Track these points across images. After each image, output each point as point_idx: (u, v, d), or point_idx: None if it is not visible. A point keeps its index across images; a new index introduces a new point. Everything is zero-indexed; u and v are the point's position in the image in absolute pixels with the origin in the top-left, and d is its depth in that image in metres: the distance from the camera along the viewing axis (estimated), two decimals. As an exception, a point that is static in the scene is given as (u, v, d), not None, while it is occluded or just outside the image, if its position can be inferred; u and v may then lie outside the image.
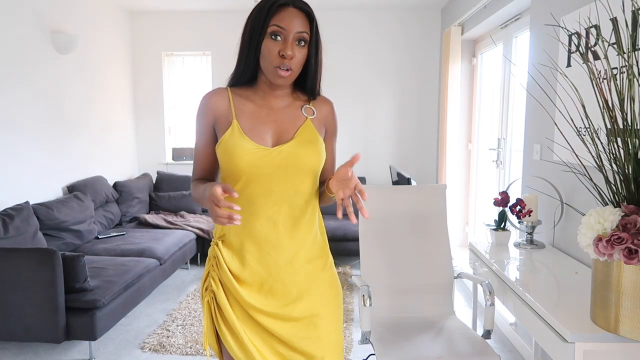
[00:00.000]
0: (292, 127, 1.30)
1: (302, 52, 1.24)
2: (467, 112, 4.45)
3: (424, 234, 2.33)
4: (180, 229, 4.21)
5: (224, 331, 1.28)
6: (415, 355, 1.87)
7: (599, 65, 1.80)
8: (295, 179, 1.27)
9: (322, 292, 1.34)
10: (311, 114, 1.34)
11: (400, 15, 5.00)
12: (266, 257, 1.28)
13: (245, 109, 1.30)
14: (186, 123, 5.38)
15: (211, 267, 1.32)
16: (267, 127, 1.29)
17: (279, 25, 1.20)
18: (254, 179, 1.25)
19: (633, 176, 1.26)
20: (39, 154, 3.63)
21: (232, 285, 1.27)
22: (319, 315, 1.32)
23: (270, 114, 1.30)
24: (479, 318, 2.76)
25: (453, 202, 4.35)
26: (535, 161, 2.54)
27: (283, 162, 1.25)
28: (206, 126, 1.32)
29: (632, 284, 1.24)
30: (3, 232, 2.84)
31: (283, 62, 1.21)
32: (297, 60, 1.23)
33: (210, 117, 1.31)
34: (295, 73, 1.25)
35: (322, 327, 1.32)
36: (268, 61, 1.23)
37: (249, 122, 1.28)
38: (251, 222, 1.26)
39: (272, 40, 1.21)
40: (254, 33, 1.23)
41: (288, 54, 1.20)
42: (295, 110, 1.33)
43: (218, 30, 5.09)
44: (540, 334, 1.54)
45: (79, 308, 2.59)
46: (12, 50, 3.33)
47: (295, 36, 1.21)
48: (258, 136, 1.27)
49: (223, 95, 1.32)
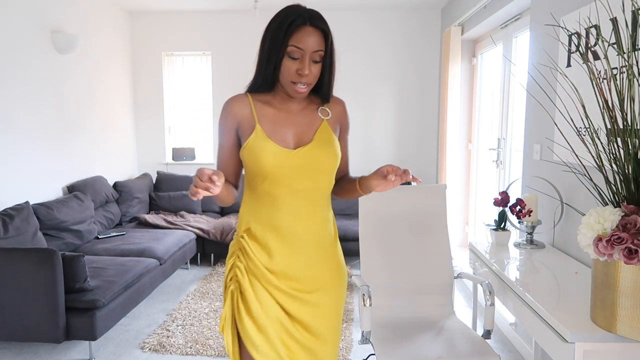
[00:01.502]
0: (310, 129, 1.41)
1: (318, 67, 1.34)
2: (467, 112, 4.45)
3: (424, 234, 2.33)
4: (180, 229, 4.21)
5: (243, 317, 1.35)
6: (415, 355, 1.87)
7: (599, 65, 1.80)
8: (314, 178, 1.38)
9: (333, 274, 1.48)
10: (327, 115, 1.45)
11: (400, 15, 5.00)
12: (289, 247, 1.39)
13: (266, 114, 1.39)
14: (186, 123, 5.39)
15: (236, 259, 1.41)
16: (288, 129, 1.39)
17: (297, 46, 1.28)
18: (278, 179, 1.35)
19: (633, 176, 1.26)
20: (39, 154, 3.63)
21: (261, 271, 1.37)
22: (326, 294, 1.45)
23: (289, 117, 1.40)
24: (479, 318, 2.76)
25: (453, 202, 4.35)
26: (535, 161, 2.54)
27: (304, 163, 1.36)
28: (229, 131, 1.41)
29: (632, 284, 1.24)
30: (3, 232, 2.84)
31: (300, 80, 1.31)
32: (313, 76, 1.33)
33: (232, 122, 1.40)
34: (311, 86, 1.36)
35: (326, 305, 1.45)
36: (286, 77, 1.32)
37: (270, 126, 1.37)
38: (275, 217, 1.37)
39: (290, 60, 1.30)
40: (273, 50, 1.31)
41: (305, 73, 1.30)
42: (312, 113, 1.44)
43: (218, 30, 5.09)
44: (540, 334, 1.54)
45: (79, 308, 2.59)
46: (12, 50, 3.33)
47: (312, 55, 1.30)
48: (280, 139, 1.37)
49: (244, 101, 1.40)
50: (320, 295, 1.44)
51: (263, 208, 1.39)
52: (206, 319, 3.19)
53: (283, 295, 1.39)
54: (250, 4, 4.33)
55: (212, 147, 5.30)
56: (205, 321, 3.16)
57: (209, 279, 4.01)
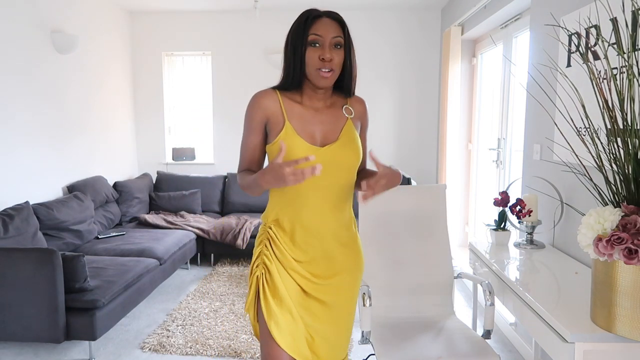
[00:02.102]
0: (336, 128, 1.49)
1: (340, 55, 1.42)
2: (467, 112, 4.45)
3: (424, 234, 2.33)
4: (180, 229, 4.21)
5: (268, 298, 1.44)
6: (415, 355, 1.87)
7: (599, 65, 1.80)
8: (339, 175, 1.47)
9: (351, 264, 1.58)
10: (350, 113, 1.53)
11: (400, 15, 5.00)
12: (312, 238, 1.49)
13: (295, 111, 1.47)
14: (186, 123, 5.39)
15: (264, 247, 1.50)
16: (315, 127, 1.47)
17: (317, 34, 1.39)
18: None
19: (633, 176, 1.26)
20: (39, 154, 3.63)
21: (287, 258, 1.48)
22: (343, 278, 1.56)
23: (315, 115, 1.48)
24: (479, 318, 2.76)
25: (453, 202, 4.35)
26: (535, 161, 2.54)
27: (330, 160, 1.43)
28: (258, 123, 1.48)
29: (632, 284, 1.24)
30: (3, 232, 2.84)
31: (324, 65, 1.39)
32: (337, 62, 1.41)
33: (262, 115, 1.46)
34: (336, 73, 1.42)
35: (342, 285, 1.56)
36: (311, 66, 1.40)
37: (299, 123, 1.45)
38: (301, 211, 1.47)
39: (313, 48, 1.40)
40: (297, 45, 1.41)
41: (327, 56, 1.38)
42: (337, 111, 1.52)
43: (218, 30, 5.09)
44: (540, 334, 1.54)
45: (79, 308, 2.59)
46: (12, 50, 3.33)
47: (332, 41, 1.40)
48: (309, 136, 1.45)
49: (273, 96, 1.47)
50: (337, 279, 1.54)
51: (289, 202, 1.48)
52: (206, 319, 3.19)
53: (303, 279, 1.49)
54: (250, 4, 4.33)
55: (212, 147, 5.30)
56: (205, 321, 3.16)
57: (209, 279, 4.01)
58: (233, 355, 2.73)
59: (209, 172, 5.18)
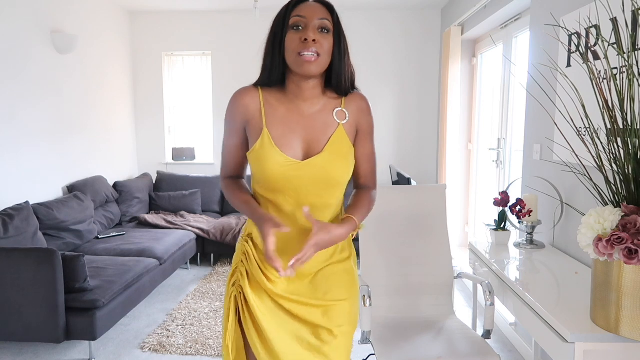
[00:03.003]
0: (323, 136, 1.27)
1: (328, 40, 1.22)
2: (467, 112, 4.45)
3: (424, 234, 2.33)
4: (180, 229, 4.21)
5: (248, 323, 1.29)
6: (415, 355, 1.87)
7: (599, 65, 1.80)
8: (324, 192, 1.26)
9: (343, 286, 1.37)
10: (343, 118, 1.30)
11: (400, 15, 5.00)
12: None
13: (276, 114, 1.27)
14: (186, 123, 5.39)
15: (239, 263, 1.34)
16: (297, 135, 1.26)
17: (299, 15, 1.20)
18: (284, 191, 1.25)
19: (633, 176, 1.26)
20: (39, 154, 3.63)
21: (261, 278, 1.28)
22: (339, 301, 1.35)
23: (300, 120, 1.27)
24: (479, 318, 2.76)
25: (453, 202, 4.35)
26: (535, 161, 2.54)
27: (313, 176, 1.23)
28: (237, 126, 1.31)
29: (632, 284, 1.24)
30: (3, 232, 2.83)
31: (306, 46, 1.18)
32: (324, 47, 1.20)
33: (241, 118, 1.30)
34: (322, 60, 1.21)
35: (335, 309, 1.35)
36: (291, 51, 1.20)
37: (279, 130, 1.25)
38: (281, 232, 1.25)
39: (294, 31, 1.20)
40: (277, 30, 1.23)
41: (309, 35, 1.18)
42: (327, 116, 1.29)
43: (218, 30, 5.09)
44: (540, 334, 1.54)
45: (79, 308, 2.59)
46: (12, 50, 3.33)
47: (317, 23, 1.20)
48: (288, 146, 1.24)
49: (254, 95, 1.29)
50: (328, 307, 1.33)
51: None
52: (206, 319, 3.19)
53: (287, 301, 1.30)
54: (250, 4, 4.33)
55: (212, 147, 5.29)
56: (205, 321, 3.16)
57: (209, 278, 4.01)
58: (233, 355, 2.73)
59: (209, 172, 5.18)
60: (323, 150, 1.25)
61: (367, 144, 1.36)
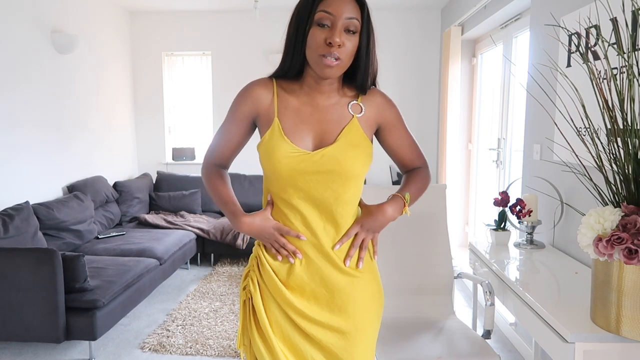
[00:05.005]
0: (336, 128, 1.21)
1: (353, 42, 1.15)
2: (467, 112, 4.45)
3: (424, 234, 2.33)
4: (180, 229, 4.21)
5: (254, 334, 1.23)
6: (415, 355, 1.87)
7: (599, 65, 1.80)
8: (336, 186, 1.18)
9: (365, 304, 1.27)
10: (359, 111, 1.25)
11: (400, 15, 5.00)
12: (308, 261, 1.22)
13: (289, 106, 1.22)
14: (186, 123, 5.39)
15: (252, 267, 1.28)
16: (309, 127, 1.21)
17: (326, 11, 1.12)
18: (293, 184, 1.18)
19: (633, 176, 1.26)
20: (39, 154, 3.63)
21: (275, 285, 1.21)
22: (358, 330, 1.25)
23: (313, 112, 1.22)
24: (479, 318, 2.76)
25: (453, 202, 4.35)
26: (535, 161, 2.54)
27: (323, 167, 1.17)
28: (242, 115, 1.25)
29: (633, 284, 1.24)
30: (3, 232, 2.83)
31: (330, 51, 1.11)
32: (347, 50, 1.14)
33: (250, 107, 1.24)
34: (344, 64, 1.16)
35: (358, 343, 1.25)
36: (313, 50, 1.13)
37: (290, 120, 1.20)
38: (291, 226, 1.21)
39: (319, 28, 1.12)
40: (300, 23, 1.15)
41: (335, 40, 1.11)
42: (342, 109, 1.24)
43: (218, 30, 5.09)
44: (540, 334, 1.54)
45: (79, 308, 2.59)
46: (12, 50, 3.33)
47: (345, 23, 1.12)
48: (298, 137, 1.19)
49: (268, 87, 1.24)
50: (344, 322, 1.23)
51: (279, 213, 1.23)
52: (206, 319, 3.19)
53: (299, 316, 1.21)
54: (250, 4, 4.33)
55: (212, 147, 5.29)
56: (205, 321, 3.16)
57: (209, 279, 4.01)
58: (233, 355, 2.73)
59: (209, 172, 5.17)
60: (335, 141, 1.19)
61: (400, 133, 1.37)
